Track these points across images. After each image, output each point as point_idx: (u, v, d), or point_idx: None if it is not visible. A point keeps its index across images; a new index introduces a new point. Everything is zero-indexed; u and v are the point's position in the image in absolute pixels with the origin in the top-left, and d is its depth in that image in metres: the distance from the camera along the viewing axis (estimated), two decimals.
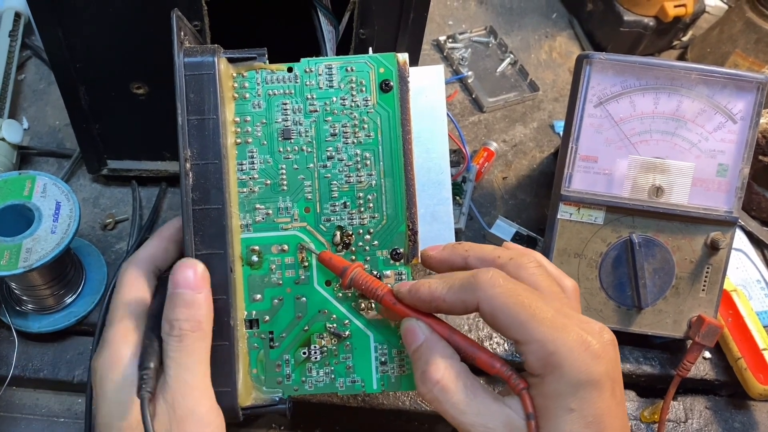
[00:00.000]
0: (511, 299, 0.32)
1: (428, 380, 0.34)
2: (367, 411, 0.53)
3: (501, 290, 0.33)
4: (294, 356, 0.42)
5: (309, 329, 0.42)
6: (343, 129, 0.42)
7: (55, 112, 0.67)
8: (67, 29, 0.49)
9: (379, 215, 0.42)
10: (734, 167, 0.52)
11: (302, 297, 0.42)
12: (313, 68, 0.42)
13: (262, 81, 0.41)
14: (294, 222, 0.42)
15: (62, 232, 0.47)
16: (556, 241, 0.54)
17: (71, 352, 0.53)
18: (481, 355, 0.35)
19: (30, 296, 0.51)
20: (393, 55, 0.42)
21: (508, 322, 0.32)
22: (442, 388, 0.33)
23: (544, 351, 0.31)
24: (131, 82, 0.53)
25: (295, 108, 0.42)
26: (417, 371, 0.35)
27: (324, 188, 0.42)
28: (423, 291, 0.36)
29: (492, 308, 0.33)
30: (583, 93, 0.53)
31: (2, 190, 0.48)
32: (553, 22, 0.85)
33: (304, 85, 0.42)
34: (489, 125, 0.73)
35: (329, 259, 0.40)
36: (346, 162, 0.42)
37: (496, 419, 0.33)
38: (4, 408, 0.52)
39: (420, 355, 0.35)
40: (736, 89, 0.52)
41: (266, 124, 0.41)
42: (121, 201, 0.61)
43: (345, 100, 0.42)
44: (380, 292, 0.38)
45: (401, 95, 0.42)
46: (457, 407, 0.33)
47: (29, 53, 0.71)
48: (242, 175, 0.41)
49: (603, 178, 0.53)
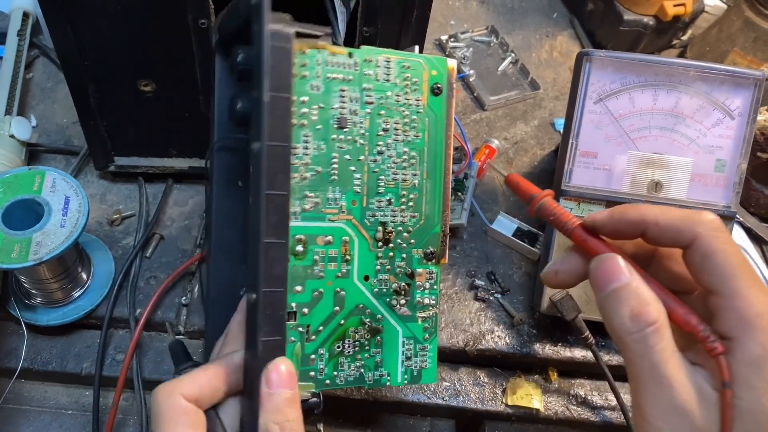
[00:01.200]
0: (730, 248, 0.30)
1: (643, 320, 0.30)
2: (371, 403, 0.54)
3: (723, 236, 0.30)
4: (328, 350, 0.41)
5: (345, 323, 0.41)
6: (395, 125, 0.42)
7: (62, 110, 0.68)
8: (76, 27, 0.50)
9: (418, 215, 0.43)
10: (732, 162, 0.53)
11: (342, 291, 0.41)
12: (373, 58, 0.41)
13: (323, 62, 0.39)
14: (341, 214, 0.40)
15: (71, 226, 0.48)
16: (556, 236, 0.54)
17: (79, 345, 0.54)
18: (677, 309, 0.31)
19: (39, 290, 0.52)
20: (445, 60, 0.42)
21: (721, 271, 0.30)
22: (656, 330, 0.30)
23: (751, 311, 0.29)
24: (139, 80, 0.54)
25: (352, 97, 0.40)
26: (623, 310, 0.31)
27: (372, 183, 0.41)
28: (632, 212, 0.32)
29: (709, 250, 0.30)
30: (583, 90, 0.53)
31: (12, 185, 0.49)
32: (554, 21, 0.86)
33: (363, 75, 0.40)
34: (491, 123, 0.73)
35: (517, 183, 0.37)
36: (394, 159, 0.42)
37: (693, 378, 0.30)
38: (13, 400, 0.53)
39: (629, 293, 0.31)
40: (734, 86, 0.53)
41: (323, 108, 0.39)
42: (128, 197, 0.62)
43: (399, 97, 0.41)
44: (571, 224, 0.34)
45: (448, 101, 0.43)
46: (664, 354, 0.30)
47: (37, 52, 0.72)
48: (295, 160, 0.39)
49: (603, 174, 0.54)
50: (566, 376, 0.57)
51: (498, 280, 0.60)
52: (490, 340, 0.56)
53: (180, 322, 0.55)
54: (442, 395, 0.55)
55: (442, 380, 0.55)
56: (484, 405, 0.54)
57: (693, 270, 0.31)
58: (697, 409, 0.29)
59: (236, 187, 0.43)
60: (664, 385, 0.29)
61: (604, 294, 0.32)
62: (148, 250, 0.58)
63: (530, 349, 0.56)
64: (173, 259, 0.58)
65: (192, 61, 0.52)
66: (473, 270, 0.61)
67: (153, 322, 0.54)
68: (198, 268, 0.58)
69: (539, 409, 0.54)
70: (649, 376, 0.30)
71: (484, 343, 0.56)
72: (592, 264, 0.33)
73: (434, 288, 0.44)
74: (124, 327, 0.55)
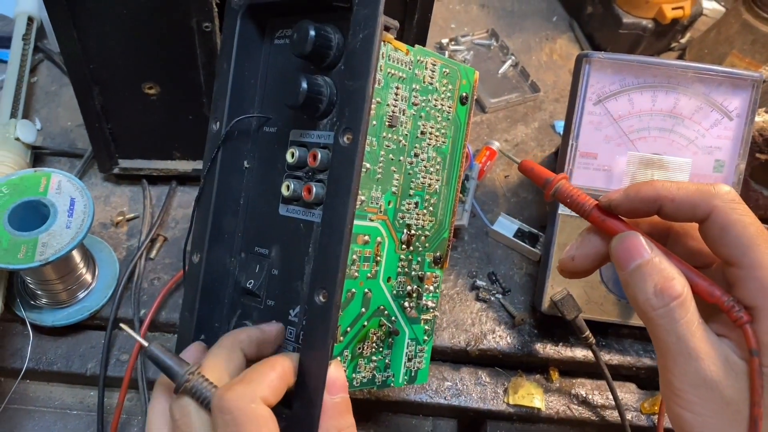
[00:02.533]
0: (748, 219, 0.30)
1: (668, 294, 0.30)
2: (373, 403, 0.55)
3: (740, 207, 0.30)
4: (352, 351, 0.40)
5: (368, 325, 0.40)
6: (430, 129, 0.41)
7: (66, 113, 0.68)
8: (81, 31, 0.51)
9: (434, 220, 0.43)
10: (730, 163, 0.54)
11: (369, 292, 0.40)
12: (424, 59, 0.40)
13: (386, 56, 0.37)
14: (379, 213, 0.39)
15: (77, 227, 0.48)
16: (557, 236, 0.55)
17: (84, 345, 0.54)
18: (700, 282, 0.31)
19: (44, 291, 0.52)
20: (473, 70, 0.43)
21: (739, 242, 0.30)
22: (681, 303, 0.30)
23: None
24: (143, 83, 0.55)
25: (403, 96, 0.39)
26: (647, 285, 0.31)
27: (406, 185, 0.41)
28: (647, 189, 0.32)
29: (727, 222, 0.30)
30: (582, 91, 0.54)
31: (19, 187, 0.49)
32: (553, 24, 0.87)
33: (414, 75, 0.39)
34: (491, 125, 0.74)
35: (531, 169, 0.36)
36: (425, 163, 0.41)
37: (719, 349, 0.30)
38: (18, 400, 0.54)
39: (653, 269, 0.31)
40: (732, 87, 0.53)
41: (380, 104, 0.38)
42: (132, 199, 0.62)
43: (437, 102, 0.41)
44: (588, 206, 0.34)
45: (470, 111, 0.43)
46: (690, 327, 0.30)
47: (41, 56, 0.73)
48: None
49: (602, 174, 0.54)
50: (567, 375, 0.57)
51: (499, 281, 0.60)
52: (492, 340, 0.56)
53: None
54: (444, 395, 0.55)
55: (443, 380, 0.56)
56: (486, 404, 0.55)
57: (711, 243, 0.31)
58: (725, 379, 0.29)
59: (239, 172, 0.43)
60: (692, 357, 0.29)
61: (627, 271, 0.32)
62: (152, 252, 0.59)
63: (531, 349, 0.56)
64: (177, 261, 0.58)
65: (196, 64, 0.53)
66: (474, 271, 0.61)
67: (157, 322, 0.55)
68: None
69: (540, 409, 0.55)
70: (676, 350, 0.30)
71: (486, 343, 0.56)
72: (613, 242, 0.33)
73: (437, 291, 0.45)
74: (129, 327, 0.55)
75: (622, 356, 0.57)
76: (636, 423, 0.55)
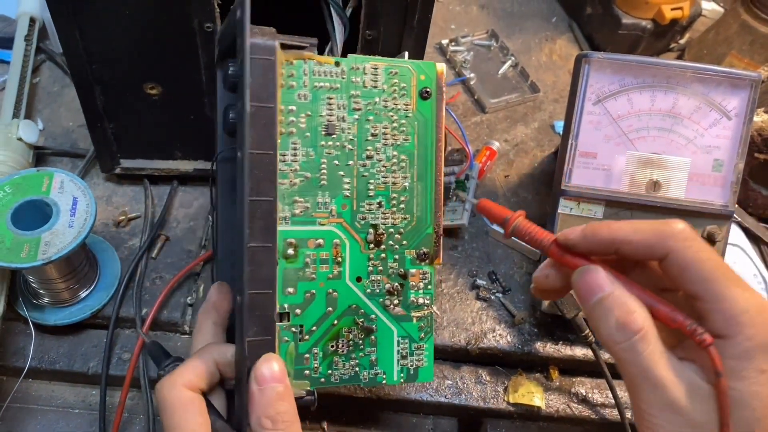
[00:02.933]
0: (704, 254, 0.31)
1: (630, 329, 0.31)
2: (374, 402, 0.55)
3: (696, 244, 0.31)
4: (322, 349, 0.42)
5: (338, 323, 0.42)
6: (383, 130, 0.43)
7: (68, 113, 0.69)
8: (84, 32, 0.51)
9: (409, 217, 0.43)
10: (729, 162, 0.54)
11: (334, 292, 0.42)
12: (360, 66, 0.42)
13: (309, 72, 0.40)
14: (331, 217, 0.42)
15: (79, 226, 0.49)
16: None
17: (86, 344, 0.54)
18: (661, 308, 0.32)
19: (47, 290, 0.53)
20: (433, 64, 0.43)
21: (700, 277, 0.31)
22: (643, 337, 0.31)
23: (735, 310, 0.30)
24: (145, 83, 0.55)
25: (340, 104, 0.41)
26: (609, 320, 0.32)
27: (362, 186, 0.42)
28: (603, 231, 0.33)
29: (684, 261, 0.31)
30: (582, 91, 0.54)
31: (21, 187, 0.50)
32: (553, 25, 0.87)
33: (350, 82, 0.42)
34: (491, 125, 0.74)
35: (489, 208, 0.38)
36: (384, 163, 0.43)
37: (684, 376, 0.31)
38: (20, 399, 0.54)
39: (613, 303, 0.32)
40: (731, 87, 0.53)
41: (311, 116, 0.41)
42: (134, 199, 0.63)
43: (387, 102, 0.42)
44: (546, 242, 0.35)
45: (437, 104, 0.43)
46: (652, 358, 0.31)
47: (43, 57, 0.73)
48: (284, 167, 0.40)
49: (602, 174, 0.55)
50: (567, 374, 0.58)
51: (499, 280, 0.61)
52: (492, 339, 0.57)
53: (185, 322, 0.56)
54: (445, 393, 0.55)
55: (444, 378, 0.56)
56: (486, 403, 0.55)
57: (672, 279, 0.32)
58: (691, 404, 0.30)
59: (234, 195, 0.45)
60: (657, 386, 0.30)
61: (589, 305, 0.33)
62: (154, 251, 0.59)
63: (531, 348, 0.57)
64: (178, 260, 0.59)
65: (198, 64, 0.53)
66: (475, 270, 0.61)
67: (159, 321, 0.55)
68: (204, 268, 0.58)
69: (540, 407, 0.55)
70: (642, 380, 0.31)
71: (486, 341, 0.56)
72: (574, 276, 0.34)
73: (428, 288, 0.45)
74: (131, 326, 0.55)
75: None
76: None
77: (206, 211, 0.63)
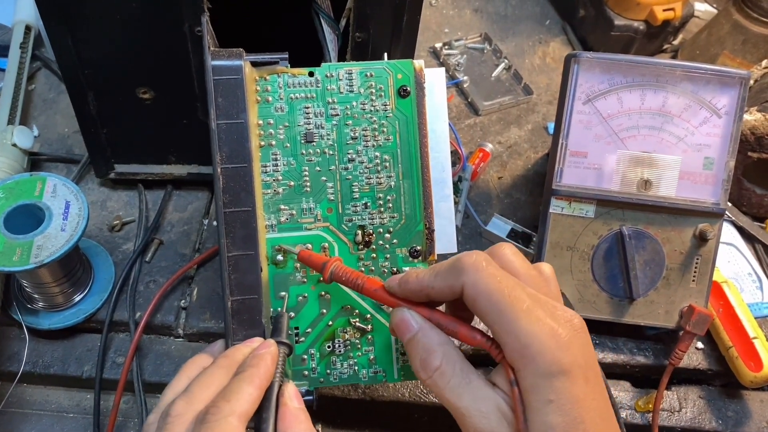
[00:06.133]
0: (493, 284, 0.33)
1: (428, 367, 0.35)
2: (368, 403, 0.55)
3: (484, 274, 0.33)
4: (319, 350, 0.43)
5: (333, 324, 0.43)
6: (363, 132, 0.43)
7: (63, 120, 0.69)
8: (76, 38, 0.51)
9: (398, 215, 0.44)
10: (720, 160, 0.54)
11: (326, 294, 0.43)
12: (334, 73, 0.43)
13: (284, 85, 0.42)
14: (317, 222, 0.43)
15: (71, 229, 0.49)
16: (548, 234, 0.55)
17: (80, 348, 0.55)
18: (461, 329, 0.35)
19: (40, 294, 0.53)
20: (410, 62, 0.44)
21: (488, 310, 0.33)
22: (441, 374, 0.34)
23: (518, 344, 0.32)
24: (137, 87, 0.55)
25: (317, 112, 0.43)
26: (415, 359, 0.36)
27: (346, 189, 0.43)
28: (411, 282, 0.37)
29: (475, 293, 0.33)
30: (571, 91, 0.55)
31: (14, 191, 0.50)
32: (546, 28, 0.87)
33: (326, 90, 0.43)
34: (484, 128, 0.75)
35: (308, 257, 0.41)
36: (366, 164, 0.43)
37: (489, 403, 0.33)
38: (15, 404, 0.54)
39: (416, 344, 0.36)
40: (720, 85, 0.54)
41: (289, 127, 0.43)
42: (128, 203, 0.63)
43: (365, 105, 0.43)
44: (360, 282, 0.39)
45: (418, 100, 0.44)
46: (455, 391, 0.34)
47: (39, 64, 0.74)
48: (266, 177, 0.42)
49: (593, 173, 0.55)
50: None
51: None
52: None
53: (179, 326, 0.56)
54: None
55: None
56: None
57: (473, 311, 0.34)
58: (499, 428, 0.33)
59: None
60: (465, 415, 0.33)
61: (404, 343, 0.37)
62: (148, 255, 0.59)
63: None
64: (172, 264, 0.59)
65: (189, 68, 0.53)
66: None
67: (152, 325, 0.55)
68: (198, 272, 0.59)
69: None
70: (451, 410, 0.34)
71: None
72: (390, 316, 0.38)
73: None
74: (125, 330, 0.55)
75: (615, 354, 0.57)
76: (630, 421, 0.55)
77: (200, 214, 0.63)
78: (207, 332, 0.56)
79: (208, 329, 0.56)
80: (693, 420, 0.56)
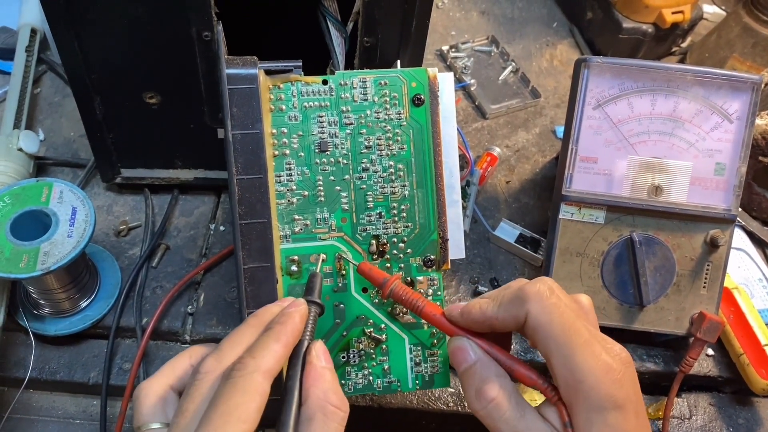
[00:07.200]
0: (555, 315, 0.34)
1: (483, 398, 0.35)
2: (375, 410, 0.54)
3: (547, 303, 0.34)
4: (334, 360, 0.42)
5: (347, 334, 0.43)
6: (377, 142, 0.43)
7: (69, 123, 0.69)
8: (82, 42, 0.51)
9: (412, 224, 0.44)
10: (731, 166, 0.54)
11: (340, 304, 0.43)
12: (348, 81, 0.43)
13: (297, 93, 0.42)
14: (331, 232, 0.43)
15: (78, 235, 0.49)
16: (558, 240, 0.55)
17: (87, 354, 0.54)
18: (519, 369, 0.36)
19: (47, 300, 0.53)
20: (424, 70, 0.43)
21: (548, 341, 0.34)
22: (496, 405, 0.35)
23: (573, 378, 0.33)
24: (144, 92, 0.55)
25: (331, 120, 0.43)
26: (470, 389, 0.36)
27: (360, 199, 0.43)
28: (475, 313, 0.37)
29: (537, 324, 0.34)
30: (581, 96, 0.54)
31: (21, 197, 0.50)
32: (554, 30, 0.87)
33: (340, 98, 0.43)
34: (492, 131, 0.74)
35: (369, 271, 0.41)
36: (380, 174, 0.43)
37: None
38: (21, 410, 0.54)
39: (473, 374, 0.36)
40: (732, 90, 0.53)
41: (303, 136, 0.42)
42: (134, 208, 0.63)
43: (379, 114, 0.43)
44: (420, 304, 0.39)
45: (432, 109, 0.43)
46: (509, 423, 0.34)
47: (44, 68, 0.74)
48: (280, 187, 0.42)
49: (603, 179, 0.54)
50: None
51: (501, 287, 0.60)
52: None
53: (186, 331, 0.55)
54: (447, 401, 0.55)
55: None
56: None
57: (531, 341, 0.35)
58: None
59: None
60: None
61: (459, 372, 0.37)
62: (154, 260, 0.59)
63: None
64: (179, 269, 0.59)
65: (196, 73, 0.53)
66: (476, 276, 0.61)
67: (159, 331, 0.55)
68: (205, 277, 0.58)
69: None
70: None
71: None
72: (448, 345, 0.38)
73: (438, 294, 0.45)
74: (131, 336, 0.55)
75: None
76: None
77: (207, 219, 0.63)
78: (214, 338, 0.55)
79: (214, 335, 0.55)
80: (703, 427, 0.55)
